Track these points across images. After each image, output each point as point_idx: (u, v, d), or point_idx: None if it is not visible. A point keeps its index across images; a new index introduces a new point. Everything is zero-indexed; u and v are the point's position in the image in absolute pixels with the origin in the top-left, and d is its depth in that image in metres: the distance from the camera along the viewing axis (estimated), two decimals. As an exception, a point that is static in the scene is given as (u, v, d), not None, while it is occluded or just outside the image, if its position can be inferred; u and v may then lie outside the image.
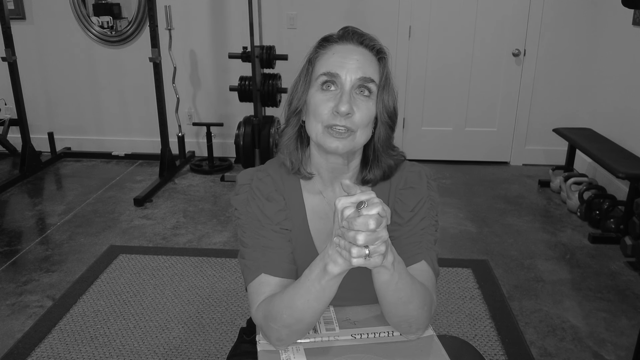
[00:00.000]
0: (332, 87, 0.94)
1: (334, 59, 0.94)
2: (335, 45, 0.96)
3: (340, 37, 0.97)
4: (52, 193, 3.71)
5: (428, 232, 1.03)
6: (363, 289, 1.06)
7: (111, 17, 4.15)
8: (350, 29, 0.98)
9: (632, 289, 2.45)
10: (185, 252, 2.78)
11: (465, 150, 4.24)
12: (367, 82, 0.94)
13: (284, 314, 0.90)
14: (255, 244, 1.01)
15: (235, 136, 3.84)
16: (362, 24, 4.23)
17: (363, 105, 0.94)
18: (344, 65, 0.93)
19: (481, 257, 2.75)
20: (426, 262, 1.00)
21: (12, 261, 2.72)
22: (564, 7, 3.82)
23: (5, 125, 4.29)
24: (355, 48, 0.95)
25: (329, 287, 0.86)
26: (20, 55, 3.91)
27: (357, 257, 0.76)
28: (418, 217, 1.03)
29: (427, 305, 0.94)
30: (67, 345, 2.04)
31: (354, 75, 0.93)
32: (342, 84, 0.93)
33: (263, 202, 1.03)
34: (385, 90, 0.96)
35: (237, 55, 3.73)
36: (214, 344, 2.05)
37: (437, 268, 1.03)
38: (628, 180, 2.85)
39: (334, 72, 0.93)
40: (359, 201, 0.75)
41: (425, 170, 1.09)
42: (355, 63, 0.93)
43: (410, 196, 1.04)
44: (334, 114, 0.93)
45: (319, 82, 0.95)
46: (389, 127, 0.99)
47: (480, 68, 4.02)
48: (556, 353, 2.01)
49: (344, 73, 0.93)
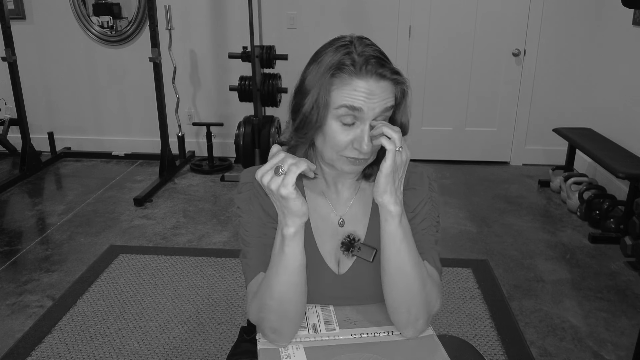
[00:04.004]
0: (352, 121, 0.92)
1: (356, 95, 0.91)
2: (356, 81, 0.90)
3: (360, 71, 0.91)
4: (52, 193, 3.71)
5: (429, 233, 1.04)
6: (363, 289, 1.06)
7: (111, 17, 4.15)
8: (369, 64, 0.91)
9: (632, 289, 2.45)
10: (185, 252, 2.78)
11: (465, 150, 4.24)
12: (387, 111, 0.95)
13: (267, 299, 0.92)
14: (256, 242, 1.02)
15: (235, 136, 3.84)
16: (362, 24, 4.22)
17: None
18: (366, 102, 0.91)
19: (481, 257, 2.75)
20: (428, 262, 1.02)
21: (12, 261, 2.72)
22: (564, 7, 3.82)
23: (5, 125, 4.29)
24: (376, 83, 0.91)
25: (292, 252, 0.90)
26: (20, 55, 3.91)
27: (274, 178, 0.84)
28: (419, 217, 1.04)
29: (427, 289, 0.96)
30: (67, 345, 2.04)
31: (377, 110, 0.92)
32: (363, 119, 0.92)
33: (265, 199, 1.03)
34: (402, 108, 1.00)
35: (237, 55, 3.73)
36: (214, 344, 2.05)
37: (440, 267, 1.05)
38: (628, 180, 2.85)
39: (357, 107, 0.91)
40: (276, 166, 0.85)
41: (427, 172, 1.10)
42: (377, 99, 0.91)
43: (412, 197, 1.05)
44: (352, 148, 0.94)
45: (339, 113, 0.92)
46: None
47: (480, 68, 4.02)
48: (556, 353, 2.01)
49: (367, 108, 0.91)
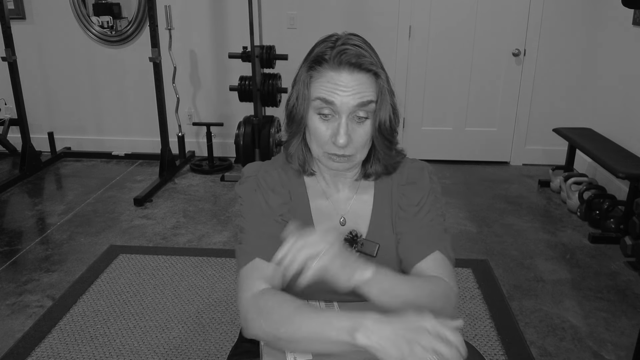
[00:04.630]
0: (329, 114, 0.94)
1: (328, 87, 0.92)
2: (329, 72, 0.93)
3: (334, 62, 0.93)
4: (52, 193, 3.71)
5: (437, 222, 1.06)
6: None
7: (111, 17, 4.15)
8: (344, 54, 0.92)
9: (632, 289, 2.45)
10: (185, 252, 2.78)
11: (465, 150, 4.24)
12: (364, 105, 0.93)
13: (282, 327, 0.88)
14: (253, 229, 1.02)
15: (235, 136, 3.84)
16: (362, 24, 4.21)
17: (360, 131, 0.96)
18: (339, 94, 0.92)
19: (481, 257, 2.75)
20: (440, 252, 1.02)
21: (12, 261, 2.72)
22: (564, 7, 3.82)
23: (5, 125, 4.29)
24: (349, 76, 0.92)
25: (340, 347, 0.84)
26: (20, 55, 3.91)
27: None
28: (424, 210, 1.06)
29: (441, 296, 0.96)
30: (67, 345, 2.04)
31: (350, 103, 0.92)
32: (339, 112, 0.93)
33: (268, 193, 1.04)
34: (383, 105, 0.96)
35: (237, 55, 3.73)
36: (214, 344, 2.05)
37: (452, 255, 1.05)
38: (628, 180, 2.85)
39: (329, 99, 0.92)
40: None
41: (427, 166, 1.12)
42: (350, 91, 0.92)
43: (414, 191, 1.07)
44: (332, 143, 0.95)
45: (316, 105, 0.95)
46: (386, 136, 1.00)
47: (480, 68, 4.02)
48: (556, 353, 2.01)
49: (339, 101, 0.92)
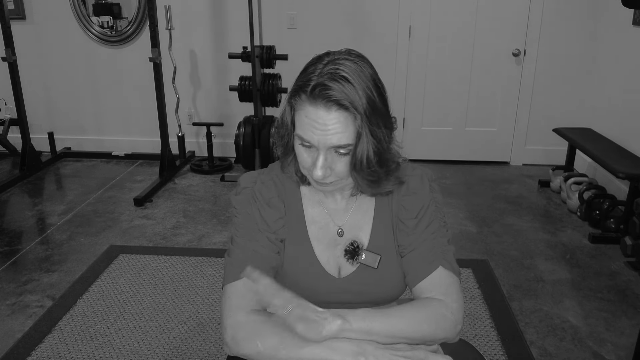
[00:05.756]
0: (309, 146, 0.92)
1: (305, 123, 0.89)
2: (307, 107, 0.89)
3: (311, 96, 0.88)
4: (52, 193, 3.71)
5: (439, 235, 1.03)
6: (365, 293, 1.06)
7: (111, 17, 4.15)
8: (322, 89, 0.87)
9: (632, 289, 2.45)
10: (185, 252, 2.78)
11: (465, 150, 4.24)
12: (339, 148, 0.90)
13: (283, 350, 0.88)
14: (245, 245, 1.01)
15: (235, 136, 3.84)
16: (362, 24, 4.21)
17: (340, 163, 0.92)
18: (314, 132, 0.89)
19: (481, 257, 2.75)
20: (443, 267, 1.00)
21: (12, 261, 2.72)
22: (564, 7, 3.82)
23: (5, 125, 4.29)
24: (326, 114, 0.87)
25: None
26: (20, 55, 3.91)
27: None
28: (424, 222, 1.03)
29: (434, 319, 0.93)
30: (67, 345, 2.04)
31: (327, 142, 0.89)
32: (317, 148, 0.91)
33: (264, 207, 1.03)
34: (360, 145, 0.90)
35: (237, 55, 3.73)
36: (214, 344, 2.05)
37: (457, 268, 1.03)
38: (628, 180, 2.85)
39: (306, 139, 0.90)
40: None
41: (427, 173, 1.09)
42: (325, 132, 0.88)
43: (413, 202, 1.04)
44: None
45: (297, 137, 0.93)
46: (365, 172, 0.94)
47: (480, 68, 4.02)
48: (556, 353, 2.01)
49: (316, 140, 0.89)
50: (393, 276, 1.05)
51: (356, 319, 0.88)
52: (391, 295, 1.07)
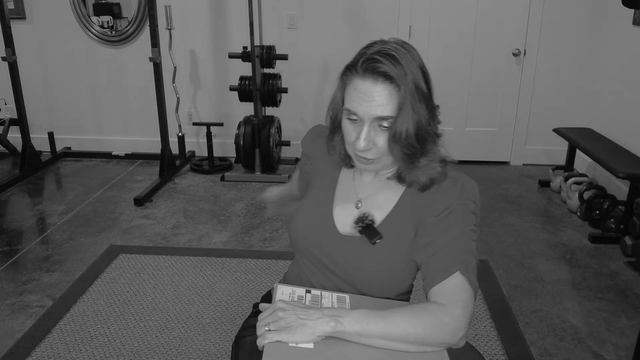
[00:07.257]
0: (355, 119, 0.99)
1: (353, 95, 0.97)
2: (356, 80, 0.97)
3: (360, 70, 0.96)
4: (52, 193, 3.71)
5: (460, 242, 0.98)
6: (355, 266, 1.07)
7: (111, 17, 4.15)
8: (370, 62, 0.95)
9: (632, 289, 2.45)
10: (185, 252, 2.78)
11: (465, 150, 4.23)
12: (382, 120, 0.97)
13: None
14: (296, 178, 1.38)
15: (235, 136, 3.84)
16: (362, 24, 4.20)
17: (382, 137, 0.99)
18: (361, 104, 0.96)
19: (481, 257, 2.75)
20: (461, 273, 0.95)
21: (12, 261, 2.72)
22: (564, 7, 3.82)
23: (5, 125, 4.29)
24: (373, 86, 0.95)
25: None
26: (20, 55, 3.91)
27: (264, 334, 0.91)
28: (444, 224, 1.00)
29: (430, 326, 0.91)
30: (67, 345, 2.04)
31: (371, 113, 0.96)
32: (362, 119, 0.98)
33: (323, 146, 1.16)
34: (400, 118, 0.95)
35: (237, 55, 3.73)
36: (214, 344, 2.05)
37: (475, 282, 0.97)
38: (628, 180, 2.85)
39: (352, 111, 0.98)
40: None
41: (464, 180, 1.07)
42: (370, 103, 0.96)
43: (438, 201, 1.03)
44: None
45: (345, 111, 1.01)
46: (402, 148, 0.99)
47: (480, 68, 4.02)
48: (556, 353, 2.01)
49: (362, 112, 0.97)
50: (387, 268, 1.05)
51: (350, 322, 0.90)
52: (378, 287, 1.07)
